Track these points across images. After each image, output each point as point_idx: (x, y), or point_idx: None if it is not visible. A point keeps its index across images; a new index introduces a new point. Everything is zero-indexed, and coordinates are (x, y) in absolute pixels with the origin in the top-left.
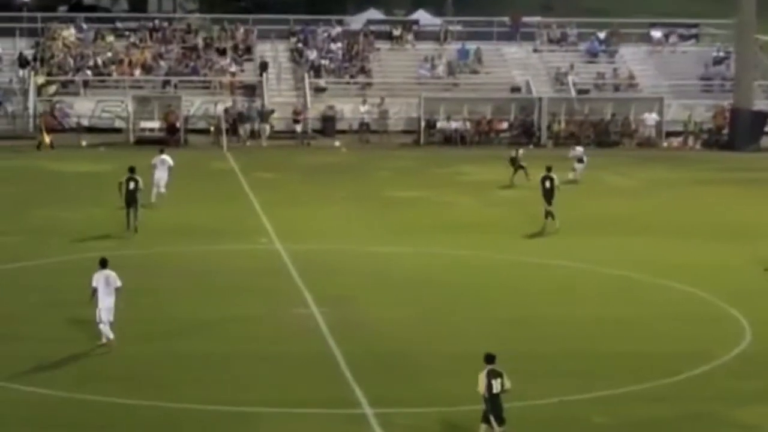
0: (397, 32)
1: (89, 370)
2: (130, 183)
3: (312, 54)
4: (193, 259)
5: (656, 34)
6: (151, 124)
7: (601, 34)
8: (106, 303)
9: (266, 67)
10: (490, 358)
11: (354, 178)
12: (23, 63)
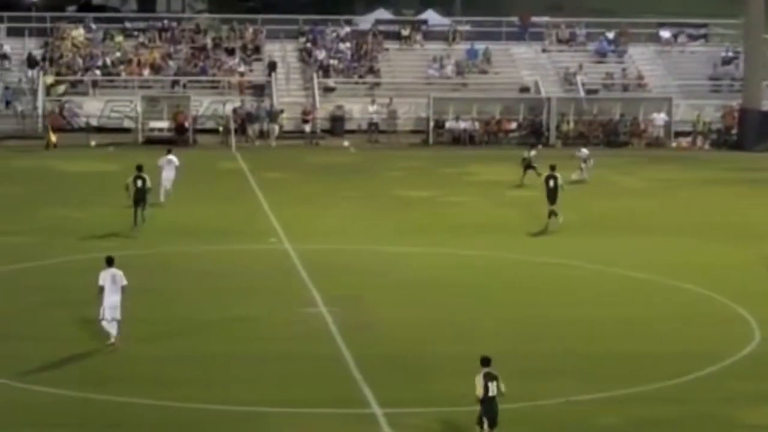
0: (405, 32)
1: (95, 369)
2: (138, 181)
3: (321, 54)
4: (202, 258)
5: (665, 34)
6: (160, 124)
7: (610, 34)
8: (112, 301)
9: (275, 67)
10: (485, 361)
11: (363, 178)
12: (32, 63)
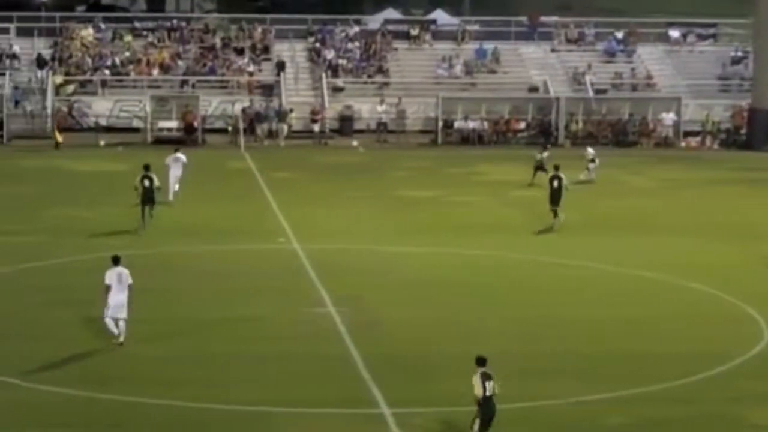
0: (414, 32)
1: (100, 369)
2: (145, 181)
3: (329, 54)
4: (210, 258)
5: (674, 33)
6: (169, 123)
7: (618, 33)
8: (119, 300)
9: (284, 67)
10: (481, 361)
11: (371, 177)
12: (41, 64)
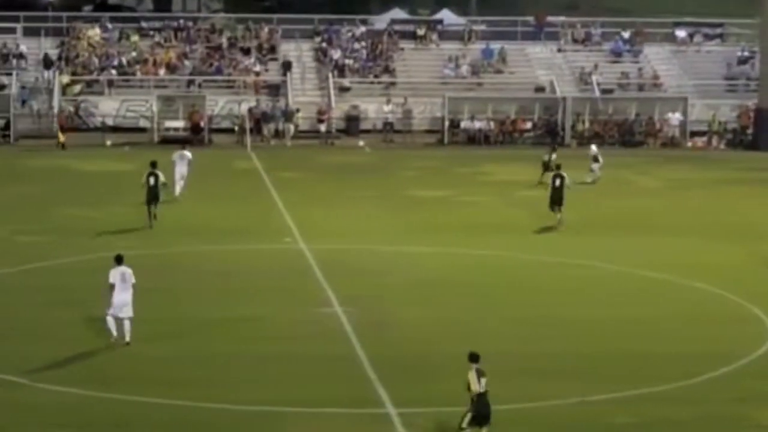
0: (421, 32)
1: (105, 369)
2: (150, 178)
3: (336, 53)
4: (217, 258)
5: (681, 33)
6: (176, 123)
7: (625, 33)
8: (122, 299)
9: (290, 67)
10: (475, 357)
11: (377, 177)
12: (47, 64)
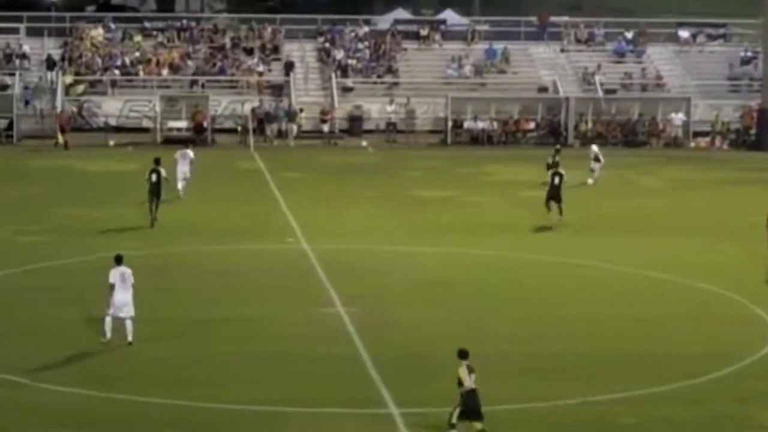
0: (424, 32)
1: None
2: (153, 175)
3: (339, 54)
4: (220, 258)
5: (684, 33)
6: (179, 123)
7: (628, 33)
8: (123, 299)
9: (293, 67)
10: (464, 354)
11: (381, 178)
12: (50, 65)
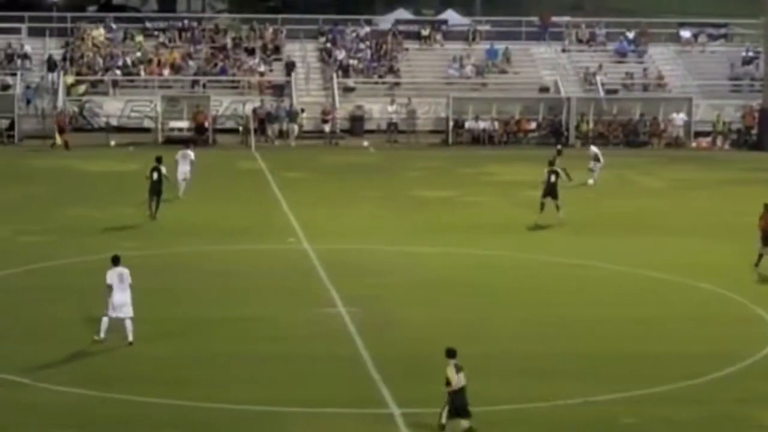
0: (425, 32)
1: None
2: (154, 173)
3: (340, 54)
4: (221, 258)
5: (685, 34)
6: (180, 123)
7: (629, 34)
8: (121, 299)
9: (294, 67)
10: (452, 353)
11: (382, 178)
12: (51, 66)
